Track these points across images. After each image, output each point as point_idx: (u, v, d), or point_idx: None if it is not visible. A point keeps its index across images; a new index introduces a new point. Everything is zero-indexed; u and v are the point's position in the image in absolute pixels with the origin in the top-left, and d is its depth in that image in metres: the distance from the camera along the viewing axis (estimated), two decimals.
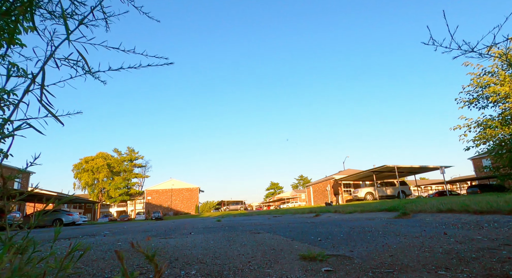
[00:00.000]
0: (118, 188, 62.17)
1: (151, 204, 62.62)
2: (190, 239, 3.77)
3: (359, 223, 4.79)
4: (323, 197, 44.79)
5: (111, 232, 7.03)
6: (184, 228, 6.44)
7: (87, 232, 7.61)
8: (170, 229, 6.48)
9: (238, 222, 6.95)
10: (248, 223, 6.59)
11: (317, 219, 7.03)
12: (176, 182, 66.12)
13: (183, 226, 7.70)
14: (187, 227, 6.53)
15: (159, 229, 7.13)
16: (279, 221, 6.80)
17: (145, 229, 7.50)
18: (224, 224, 6.66)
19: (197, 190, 66.75)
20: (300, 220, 7.25)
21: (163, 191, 64.56)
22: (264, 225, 5.35)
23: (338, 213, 8.77)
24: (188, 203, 65.05)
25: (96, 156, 63.00)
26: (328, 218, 7.18)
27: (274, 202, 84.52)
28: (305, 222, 5.82)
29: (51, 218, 24.69)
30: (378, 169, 28.18)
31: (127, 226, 13.10)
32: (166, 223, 13.92)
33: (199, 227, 6.22)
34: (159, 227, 8.16)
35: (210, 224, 7.78)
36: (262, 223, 6.32)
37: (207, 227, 6.01)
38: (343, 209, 9.01)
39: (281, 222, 6.18)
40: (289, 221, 6.60)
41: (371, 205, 9.21)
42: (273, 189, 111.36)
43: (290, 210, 21.42)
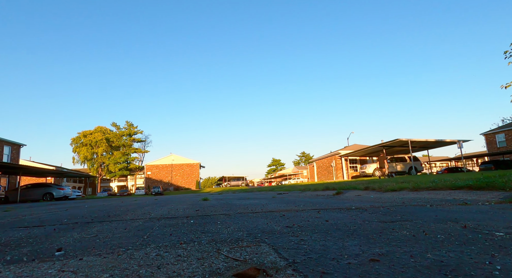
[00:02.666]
0: (117, 162, 61.08)
1: (151, 179, 61.87)
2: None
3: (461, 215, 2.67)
4: (327, 173, 43.36)
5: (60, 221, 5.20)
6: (136, 214, 4.54)
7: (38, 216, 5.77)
8: (114, 214, 4.61)
9: (230, 204, 5.15)
10: (244, 205, 4.68)
11: (346, 201, 5.13)
12: (176, 157, 65.00)
13: (141, 211, 5.81)
14: (139, 214, 4.58)
15: (109, 212, 5.28)
16: (290, 203, 4.94)
17: (93, 211, 5.66)
18: (206, 208, 4.26)
19: (197, 165, 65.73)
20: (318, 200, 5.35)
21: (163, 166, 63.58)
22: (270, 213, 3.20)
23: (373, 191, 6.69)
24: (188, 178, 64.25)
25: (94, 130, 61.33)
26: (359, 197, 5.30)
27: (275, 178, 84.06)
28: (332, 206, 3.87)
29: (42, 192, 23.31)
30: (389, 143, 26.23)
31: (106, 204, 11.40)
32: (130, 202, 12.15)
33: (157, 215, 4.32)
34: (110, 210, 6.32)
35: (187, 206, 5.95)
36: (265, 207, 4.48)
37: (170, 217, 4.02)
38: (381, 185, 6.80)
39: (294, 205, 4.32)
40: (306, 202, 4.72)
41: (427, 179, 7.01)
42: (274, 165, 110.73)
43: (296, 186, 19.71)
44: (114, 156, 61.01)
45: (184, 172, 64.60)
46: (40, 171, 28.19)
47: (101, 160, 60.48)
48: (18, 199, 21.41)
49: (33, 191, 23.17)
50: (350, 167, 39.65)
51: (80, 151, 59.57)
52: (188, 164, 65.21)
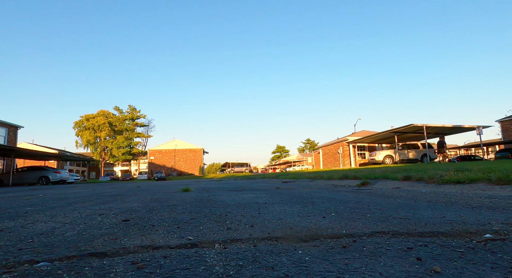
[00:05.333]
0: (120, 147, 60.50)
1: (154, 164, 61.34)
2: None
3: None
4: (333, 160, 42.07)
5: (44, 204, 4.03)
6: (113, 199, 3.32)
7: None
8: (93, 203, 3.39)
9: (212, 201, 3.57)
10: (230, 202, 3.34)
11: (402, 202, 3.81)
12: (180, 143, 64.18)
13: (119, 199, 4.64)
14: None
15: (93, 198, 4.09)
16: (305, 202, 3.65)
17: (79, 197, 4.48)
18: (154, 212, 2.92)
19: (201, 151, 64.92)
20: (346, 196, 4.07)
21: (166, 151, 62.88)
22: (265, 244, 2.15)
23: (419, 181, 5.11)
24: (192, 164, 63.60)
25: (97, 114, 60.41)
26: (405, 192, 3.98)
27: (280, 165, 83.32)
28: (407, 220, 2.55)
29: (37, 175, 22.55)
30: (401, 129, 24.66)
31: (96, 189, 10.37)
32: (124, 187, 11.12)
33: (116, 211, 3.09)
34: (98, 195, 5.15)
35: (139, 204, 4.69)
36: (261, 215, 3.18)
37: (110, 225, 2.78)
38: (432, 175, 5.08)
39: (314, 208, 3.01)
40: (329, 200, 3.46)
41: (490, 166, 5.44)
42: (279, 152, 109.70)
43: (303, 173, 18.43)
44: (117, 140, 60.35)
45: (188, 157, 63.89)
46: (39, 153, 27.39)
47: (104, 144, 59.91)
48: (11, 182, 20.64)
49: (28, 174, 22.40)
50: (358, 154, 38.24)
51: (83, 134, 58.96)
52: (192, 150, 64.42)
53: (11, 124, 28.59)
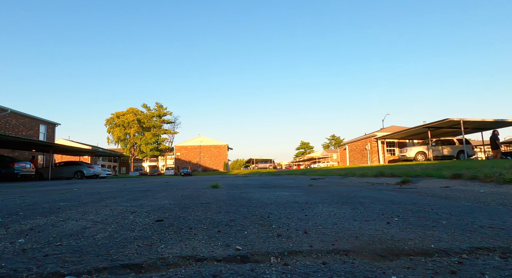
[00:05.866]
0: (148, 143, 62.46)
1: (180, 160, 62.77)
2: None
3: None
4: (361, 156, 40.71)
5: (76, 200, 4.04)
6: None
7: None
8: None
9: (244, 199, 3.34)
10: (266, 201, 3.04)
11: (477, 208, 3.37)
12: (205, 139, 65.12)
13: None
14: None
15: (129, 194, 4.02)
16: (352, 204, 3.27)
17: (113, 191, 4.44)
18: (189, 211, 2.97)
19: (225, 147, 65.50)
20: (392, 196, 3.67)
21: (192, 148, 64.08)
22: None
23: (472, 180, 4.44)
24: (216, 160, 64.39)
25: (126, 111, 62.72)
26: (459, 192, 3.54)
27: (304, 162, 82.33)
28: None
29: (73, 170, 23.74)
30: (436, 124, 23.21)
31: (126, 183, 10.57)
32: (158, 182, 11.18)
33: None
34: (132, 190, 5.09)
35: (170, 200, 4.49)
36: (308, 217, 2.83)
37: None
38: (489, 173, 4.37)
39: (367, 210, 2.62)
40: (377, 201, 3.07)
41: None
42: (303, 148, 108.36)
43: (331, 169, 17.82)
44: (145, 137, 62.35)
45: (212, 153, 64.72)
46: (74, 149, 28.81)
47: (133, 140, 62.14)
48: (50, 176, 21.83)
49: (65, 169, 23.62)
50: (387, 150, 36.68)
51: (114, 131, 61.47)
52: (216, 146, 65.18)
53: (49, 122, 30.29)
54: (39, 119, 28.66)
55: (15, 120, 25.48)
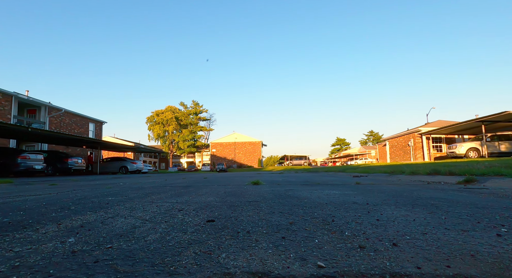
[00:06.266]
0: (185, 140, 64.61)
1: (216, 156, 64.19)
2: None
3: None
4: (403, 153, 38.36)
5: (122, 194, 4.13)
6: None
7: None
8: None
9: (292, 197, 3.10)
10: (318, 200, 2.73)
11: None
12: (239, 136, 65.85)
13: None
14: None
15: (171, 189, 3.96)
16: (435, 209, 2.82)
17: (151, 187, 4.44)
18: (238, 209, 2.71)
19: (259, 143, 65.67)
20: (472, 198, 3.18)
21: (226, 144, 65.18)
22: None
23: None
24: (251, 156, 64.83)
25: (165, 109, 65.37)
26: None
27: (340, 158, 79.96)
28: None
29: (118, 165, 25.19)
30: (492, 117, 20.96)
31: (167, 179, 10.81)
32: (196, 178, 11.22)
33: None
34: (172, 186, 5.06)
35: (214, 198, 4.29)
36: (368, 202, 2.51)
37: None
38: None
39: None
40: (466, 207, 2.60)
41: None
42: (339, 144, 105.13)
43: (373, 167, 16.75)
44: (183, 134, 64.57)
45: (247, 150, 65.28)
46: (119, 146, 30.60)
47: (171, 137, 64.69)
48: (98, 171, 23.39)
49: (112, 164, 25.15)
50: (433, 147, 34.09)
51: (154, 129, 64.45)
52: (250, 142, 65.61)
53: (97, 120, 32.49)
54: (88, 118, 30.85)
55: (68, 119, 27.65)
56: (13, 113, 21.27)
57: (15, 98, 21.55)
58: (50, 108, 25.16)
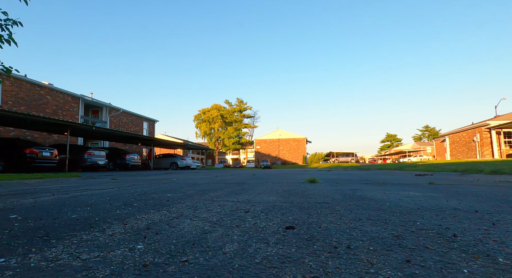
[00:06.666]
0: (230, 137, 66.03)
1: (260, 153, 64.56)
2: None
3: None
4: (466, 150, 34.47)
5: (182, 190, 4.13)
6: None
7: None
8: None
9: (360, 198, 2.57)
10: (409, 202, 2.24)
11: None
12: (283, 132, 65.34)
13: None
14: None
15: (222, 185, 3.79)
16: None
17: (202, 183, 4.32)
18: (312, 210, 2.31)
19: (304, 140, 64.48)
20: None
21: (270, 141, 65.13)
22: None
23: None
24: (295, 153, 63.97)
25: (211, 108, 67.51)
26: None
27: (390, 155, 75.21)
28: None
29: (169, 161, 26.46)
30: None
31: (219, 175, 10.89)
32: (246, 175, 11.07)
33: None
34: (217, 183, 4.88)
35: (277, 197, 3.92)
36: (480, 210, 2.01)
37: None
38: None
39: None
40: None
41: None
42: (389, 140, 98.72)
43: (438, 164, 15.06)
44: (228, 131, 66.08)
45: (291, 146, 64.54)
46: (170, 143, 32.26)
47: (217, 135, 66.61)
48: (152, 166, 24.84)
49: (164, 160, 26.55)
50: (505, 142, 30.00)
51: (201, 126, 66.95)
52: (295, 139, 64.74)
53: (150, 119, 34.62)
54: (142, 117, 32.99)
55: (126, 118, 29.85)
56: (80, 113, 23.54)
57: (81, 100, 23.81)
58: (110, 109, 27.37)
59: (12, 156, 12.66)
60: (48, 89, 20.73)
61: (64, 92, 21.89)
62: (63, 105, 21.94)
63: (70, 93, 22.46)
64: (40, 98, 19.96)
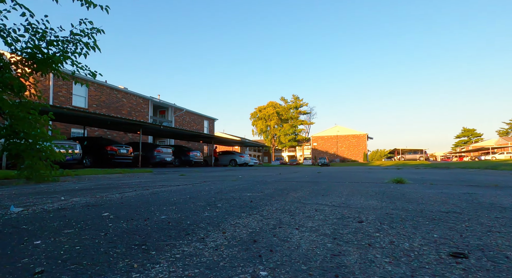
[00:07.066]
0: (286, 134, 65.54)
1: (317, 150, 62.78)
2: None
3: None
4: None
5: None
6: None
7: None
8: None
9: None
10: None
11: None
12: (341, 128, 62.50)
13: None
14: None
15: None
16: None
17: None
18: None
19: (364, 136, 60.70)
20: None
21: (328, 138, 62.86)
22: None
23: None
24: (355, 150, 60.63)
25: (267, 105, 67.89)
26: None
27: (468, 152, 66.39)
28: None
29: (229, 158, 27.14)
30: None
31: (281, 172, 10.56)
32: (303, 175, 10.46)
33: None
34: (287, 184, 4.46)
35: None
36: None
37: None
38: None
39: None
40: None
41: None
42: (466, 136, 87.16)
43: None
44: (284, 128, 65.68)
45: (350, 143, 61.38)
46: (228, 140, 33.20)
47: (273, 132, 66.73)
48: (213, 163, 25.77)
49: (223, 157, 27.35)
50: None
51: (257, 124, 67.80)
52: (354, 135, 61.38)
53: (210, 118, 36.11)
54: (203, 116, 34.56)
55: (188, 117, 31.59)
56: (150, 114, 25.59)
57: (151, 102, 25.85)
58: (175, 109, 29.23)
59: (97, 153, 14.19)
60: (124, 93, 22.91)
61: (136, 94, 23.98)
62: (136, 106, 24.06)
63: (141, 96, 24.53)
64: (117, 101, 22.18)
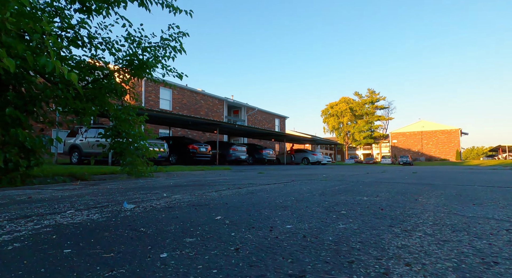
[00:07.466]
0: (361, 131, 61.39)
1: (397, 148, 57.04)
2: None
3: None
4: None
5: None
6: None
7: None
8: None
9: None
10: None
11: None
12: (427, 123, 55.41)
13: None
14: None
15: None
16: None
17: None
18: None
19: (457, 132, 52.63)
20: None
21: (410, 134, 56.48)
22: None
23: None
24: (445, 147, 53.03)
25: (339, 101, 64.76)
26: None
27: None
28: None
29: (301, 156, 26.50)
30: None
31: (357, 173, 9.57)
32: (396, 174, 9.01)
33: None
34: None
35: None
36: None
37: None
38: None
39: None
40: None
41: None
42: None
43: None
44: (358, 125, 61.67)
45: (438, 139, 53.91)
46: (299, 138, 32.56)
47: (346, 129, 63.26)
48: (285, 161, 25.48)
49: (296, 155, 26.81)
50: None
51: (329, 121, 65.19)
52: (443, 131, 53.71)
53: (281, 116, 36.01)
54: (274, 114, 34.64)
55: (260, 116, 32.04)
56: (225, 114, 26.75)
57: (225, 102, 27.00)
58: (247, 108, 29.95)
59: (180, 151, 15.29)
60: (202, 95, 24.41)
61: (212, 96, 25.31)
62: (212, 107, 25.39)
63: (217, 97, 25.78)
64: (196, 103, 23.74)
